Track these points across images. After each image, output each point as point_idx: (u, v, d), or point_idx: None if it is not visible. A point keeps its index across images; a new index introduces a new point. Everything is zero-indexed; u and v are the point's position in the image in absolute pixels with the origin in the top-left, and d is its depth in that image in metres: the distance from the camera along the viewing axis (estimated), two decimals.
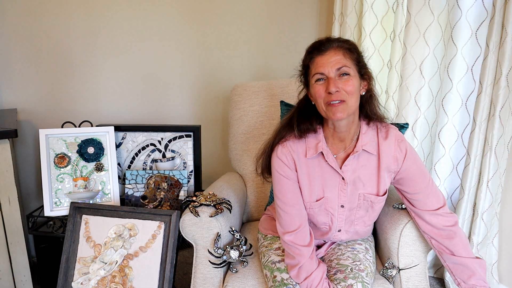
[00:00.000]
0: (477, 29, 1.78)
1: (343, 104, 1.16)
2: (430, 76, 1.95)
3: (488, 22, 1.72)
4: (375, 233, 1.54)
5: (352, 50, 1.19)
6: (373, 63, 2.18)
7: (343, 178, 1.29)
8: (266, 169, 1.39)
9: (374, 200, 1.31)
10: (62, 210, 1.68)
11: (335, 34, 2.29)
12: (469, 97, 1.86)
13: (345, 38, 1.23)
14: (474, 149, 1.79)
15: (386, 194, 1.33)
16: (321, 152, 1.27)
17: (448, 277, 1.97)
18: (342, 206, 1.32)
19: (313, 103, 1.25)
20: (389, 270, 1.35)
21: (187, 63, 2.34)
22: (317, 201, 1.31)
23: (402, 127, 1.56)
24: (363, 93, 1.24)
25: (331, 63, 1.15)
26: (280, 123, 1.36)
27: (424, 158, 2.06)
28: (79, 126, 1.82)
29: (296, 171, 1.29)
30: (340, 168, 1.27)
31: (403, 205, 1.39)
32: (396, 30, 1.99)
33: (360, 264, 1.28)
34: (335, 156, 1.29)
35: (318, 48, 1.18)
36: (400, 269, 1.35)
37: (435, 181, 1.97)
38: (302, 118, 1.29)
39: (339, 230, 1.37)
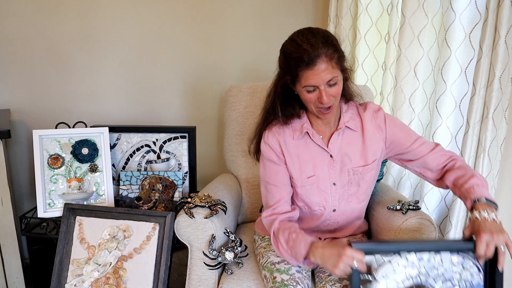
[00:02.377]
0: (471, 32, 1.79)
1: (331, 108, 1.25)
2: (424, 78, 1.95)
3: (481, 24, 1.73)
4: (370, 234, 1.54)
5: (334, 52, 1.18)
6: (367, 65, 2.18)
7: (331, 156, 1.33)
8: (257, 152, 1.45)
9: (363, 171, 1.34)
10: (56, 211, 1.68)
11: None
12: (462, 99, 1.87)
13: (325, 38, 1.18)
14: (467, 151, 1.80)
15: (375, 162, 1.36)
16: (307, 132, 1.33)
17: None
18: (334, 184, 1.34)
19: (296, 92, 1.28)
20: None
21: (182, 64, 2.33)
22: (308, 178, 1.33)
23: None
24: None
25: (321, 76, 1.16)
26: (264, 109, 1.40)
27: None
28: (73, 127, 1.82)
29: (283, 155, 1.34)
30: (327, 147, 1.33)
31: (397, 206, 1.40)
32: (391, 32, 1.99)
33: None
34: (321, 136, 1.35)
35: (306, 61, 1.15)
36: None
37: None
38: (285, 104, 1.33)
39: (334, 210, 1.37)
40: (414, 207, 1.39)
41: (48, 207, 1.68)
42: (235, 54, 2.40)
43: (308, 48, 1.15)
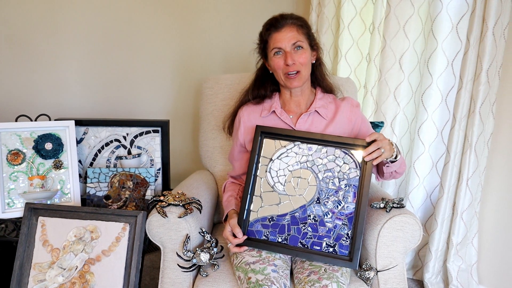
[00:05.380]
0: (458, 23, 1.84)
1: (299, 74, 1.42)
2: (410, 70, 1.98)
3: (469, 15, 1.76)
4: None
5: (303, 26, 1.43)
6: (351, 56, 2.20)
7: None
8: (230, 128, 1.67)
9: None
10: (16, 211, 1.63)
11: (313, 25, 2.27)
12: (449, 92, 1.92)
13: (296, 15, 1.44)
14: (454, 146, 1.84)
15: None
16: (274, 111, 1.51)
17: (427, 279, 1.99)
18: None
19: (270, 72, 1.50)
20: (366, 272, 1.35)
21: (155, 54, 2.32)
22: None
23: (377, 126, 1.58)
24: (314, 62, 1.49)
25: (287, 39, 1.39)
26: (243, 90, 1.62)
27: (404, 155, 2.08)
28: (35, 120, 1.76)
29: (244, 134, 1.54)
30: (295, 126, 1.49)
31: (381, 204, 1.40)
32: (375, 22, 2.00)
33: (334, 265, 1.30)
34: (291, 116, 1.51)
35: (274, 25, 1.41)
36: (378, 271, 1.35)
37: (414, 179, 2.01)
38: (258, 85, 1.56)
39: None
40: (399, 205, 1.39)
41: (7, 207, 1.63)
42: (212, 44, 2.40)
43: (278, 17, 1.42)
